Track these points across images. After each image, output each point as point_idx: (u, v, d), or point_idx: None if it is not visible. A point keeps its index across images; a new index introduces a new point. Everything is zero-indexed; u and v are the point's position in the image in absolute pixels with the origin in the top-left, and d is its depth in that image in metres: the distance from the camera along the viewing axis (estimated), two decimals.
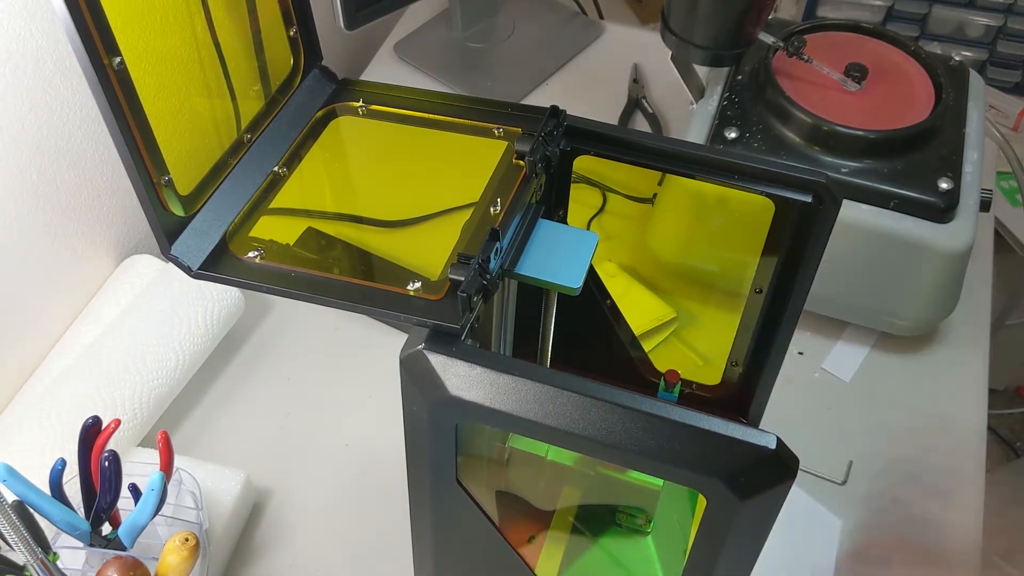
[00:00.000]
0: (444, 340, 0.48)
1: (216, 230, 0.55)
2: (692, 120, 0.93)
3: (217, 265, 0.54)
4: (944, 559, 0.82)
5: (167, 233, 0.53)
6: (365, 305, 0.51)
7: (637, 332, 0.74)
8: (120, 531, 0.68)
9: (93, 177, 0.91)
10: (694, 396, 0.72)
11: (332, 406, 0.92)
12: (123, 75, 0.48)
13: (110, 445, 0.68)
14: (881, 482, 0.88)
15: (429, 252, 0.55)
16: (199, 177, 0.56)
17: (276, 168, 0.59)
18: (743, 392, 0.71)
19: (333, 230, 0.58)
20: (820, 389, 0.95)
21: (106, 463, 0.66)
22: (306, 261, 0.54)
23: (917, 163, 0.86)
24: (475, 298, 0.49)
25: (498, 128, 0.62)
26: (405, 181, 0.63)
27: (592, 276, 0.68)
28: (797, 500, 0.85)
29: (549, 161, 0.58)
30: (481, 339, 0.61)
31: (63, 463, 0.67)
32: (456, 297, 0.48)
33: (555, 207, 0.65)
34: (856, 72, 0.90)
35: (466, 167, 0.61)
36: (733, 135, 0.89)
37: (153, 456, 0.72)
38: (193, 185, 0.55)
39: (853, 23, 0.97)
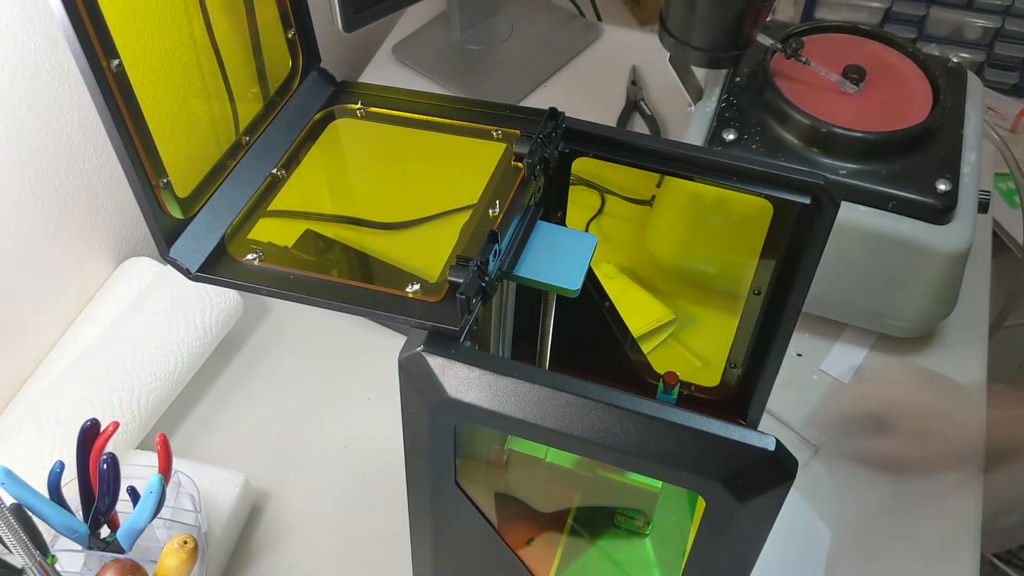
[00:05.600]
0: (443, 342, 0.48)
1: (214, 232, 0.55)
2: (690, 122, 0.93)
3: (215, 267, 0.54)
4: (943, 560, 0.82)
5: (165, 235, 0.53)
6: (364, 307, 0.51)
7: (636, 334, 0.74)
8: (119, 534, 0.68)
9: (91, 179, 0.91)
10: (693, 398, 0.72)
11: (331, 408, 0.92)
12: (121, 77, 0.48)
13: (108, 447, 0.68)
14: (879, 482, 0.88)
15: (428, 254, 0.55)
16: (197, 179, 0.56)
17: (274, 170, 0.59)
18: (742, 394, 0.71)
19: (332, 232, 0.58)
20: (819, 390, 0.95)
21: (104, 465, 0.66)
22: (305, 263, 0.54)
23: (915, 165, 0.86)
24: (474, 300, 0.49)
25: (496, 130, 0.62)
26: (404, 183, 0.63)
27: (591, 278, 0.68)
28: (792, 506, 0.85)
29: (548, 163, 0.58)
30: (480, 341, 0.61)
31: (61, 466, 0.67)
32: (455, 299, 0.48)
33: (554, 209, 0.65)
34: (854, 74, 0.90)
35: (465, 169, 0.61)
36: (731, 137, 0.89)
37: (152, 458, 0.72)
38: (191, 187, 0.55)
39: (851, 25, 0.97)
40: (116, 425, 0.69)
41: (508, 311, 0.65)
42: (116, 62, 0.48)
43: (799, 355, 0.97)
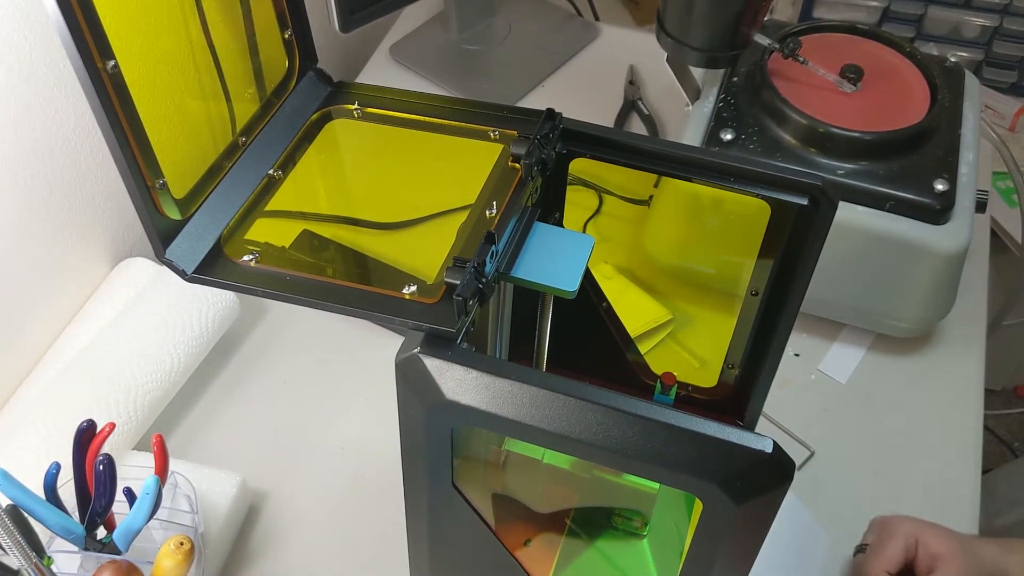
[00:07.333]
0: (440, 344, 0.48)
1: (211, 233, 0.55)
2: (688, 122, 0.93)
3: (212, 268, 0.53)
4: None
5: (162, 236, 0.53)
6: (361, 308, 0.51)
7: (633, 334, 0.74)
8: (115, 535, 0.68)
9: (87, 180, 0.91)
10: (690, 398, 0.72)
11: (328, 409, 0.92)
12: (117, 78, 0.48)
13: (105, 449, 0.68)
14: (878, 483, 0.88)
15: (425, 255, 0.55)
16: (194, 180, 0.56)
17: (271, 171, 0.59)
18: (739, 394, 0.71)
19: (329, 233, 0.58)
20: (817, 391, 0.95)
21: (101, 467, 0.66)
22: (301, 264, 0.54)
23: (913, 164, 0.86)
24: (471, 301, 0.49)
25: (494, 131, 0.62)
26: (401, 184, 0.63)
27: (588, 278, 0.68)
28: (791, 511, 0.85)
29: (545, 164, 0.58)
30: (477, 342, 0.60)
31: (58, 467, 0.67)
32: (452, 301, 0.48)
33: (551, 210, 0.65)
34: (852, 73, 0.90)
35: (462, 170, 0.61)
36: (729, 137, 0.89)
37: (148, 460, 0.72)
38: (188, 188, 0.55)
39: (849, 24, 0.97)
40: (112, 426, 0.69)
41: (505, 312, 0.65)
42: (112, 63, 0.48)
43: (797, 355, 0.97)
